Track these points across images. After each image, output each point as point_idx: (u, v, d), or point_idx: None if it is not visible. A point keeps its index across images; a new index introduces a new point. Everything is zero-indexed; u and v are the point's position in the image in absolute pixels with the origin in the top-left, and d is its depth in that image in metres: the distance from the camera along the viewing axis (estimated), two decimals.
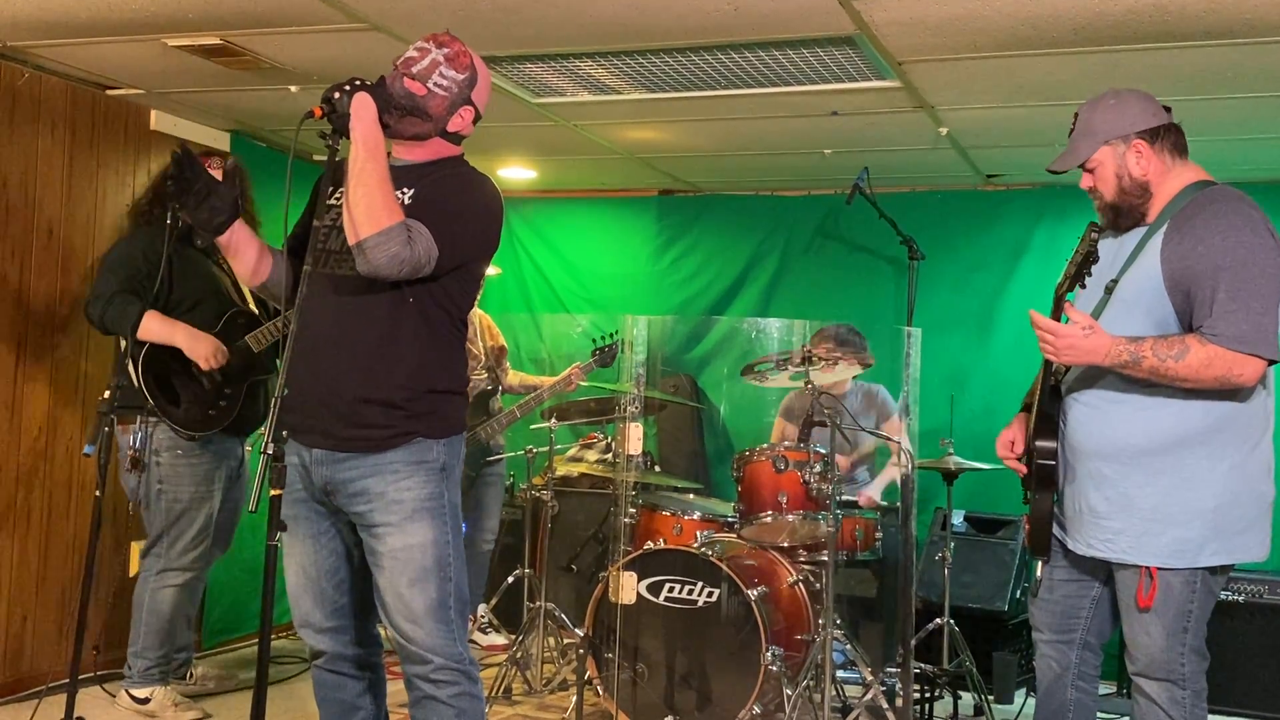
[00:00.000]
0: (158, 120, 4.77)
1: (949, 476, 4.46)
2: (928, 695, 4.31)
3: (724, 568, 3.91)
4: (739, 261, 6.08)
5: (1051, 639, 2.93)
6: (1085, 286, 2.68)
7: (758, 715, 3.81)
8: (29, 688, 4.18)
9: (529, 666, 4.60)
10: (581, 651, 3.95)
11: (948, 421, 4.71)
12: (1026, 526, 2.92)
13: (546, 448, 4.78)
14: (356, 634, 2.84)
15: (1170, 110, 2.79)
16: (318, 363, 2.64)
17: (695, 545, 4.08)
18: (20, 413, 4.26)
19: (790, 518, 4.09)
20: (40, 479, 4.34)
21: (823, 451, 4.09)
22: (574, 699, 3.94)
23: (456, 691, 2.70)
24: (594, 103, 4.41)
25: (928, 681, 4.31)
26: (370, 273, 2.52)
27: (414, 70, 2.65)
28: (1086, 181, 2.81)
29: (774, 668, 3.78)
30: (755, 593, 3.88)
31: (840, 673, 4.27)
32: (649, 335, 4.15)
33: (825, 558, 3.94)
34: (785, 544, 4.26)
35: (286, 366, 2.36)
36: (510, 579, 5.05)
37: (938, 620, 4.39)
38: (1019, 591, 4.88)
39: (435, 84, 2.66)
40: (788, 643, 3.96)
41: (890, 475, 4.80)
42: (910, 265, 5.02)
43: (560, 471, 4.89)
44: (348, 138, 2.53)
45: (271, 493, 2.28)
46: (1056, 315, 2.68)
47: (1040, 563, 2.98)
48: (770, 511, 4.11)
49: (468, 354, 3.65)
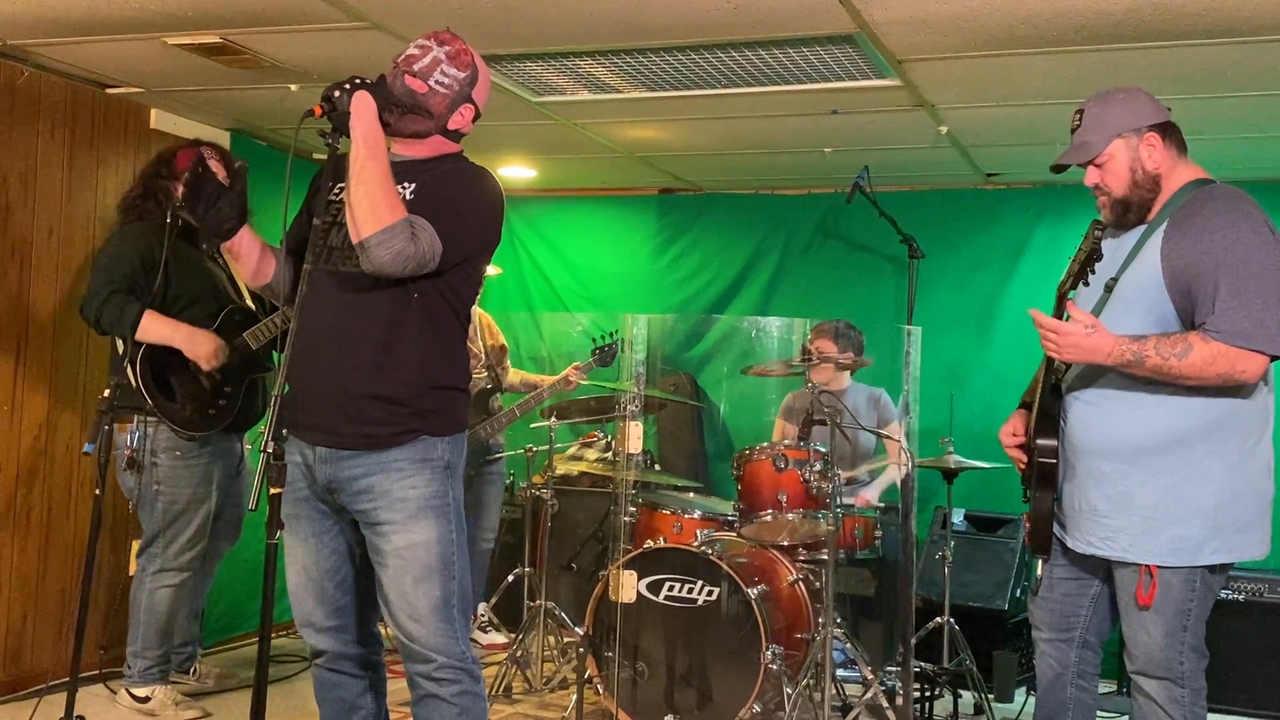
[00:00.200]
0: (158, 119, 4.77)
1: (949, 475, 4.46)
2: (928, 694, 4.31)
3: (724, 566, 3.91)
4: (739, 260, 6.08)
5: (1051, 637, 2.94)
6: (1088, 284, 2.68)
7: (758, 714, 3.80)
8: (29, 686, 4.18)
9: (529, 665, 4.60)
10: (581, 650, 3.95)
11: (948, 420, 4.72)
12: (1027, 525, 2.92)
13: (546, 446, 4.78)
14: (357, 633, 2.84)
15: (1169, 110, 2.80)
16: (321, 360, 2.63)
17: (695, 544, 4.08)
18: (20, 412, 4.26)
19: (790, 516, 4.09)
20: (40, 478, 4.34)
21: (823, 450, 4.09)
22: (574, 698, 3.94)
23: (459, 690, 2.70)
24: (594, 101, 4.40)
25: (928, 680, 4.31)
26: (374, 270, 2.51)
27: (415, 68, 2.65)
28: (1092, 177, 2.78)
29: (774, 666, 3.78)
30: (755, 591, 3.88)
31: (840, 671, 4.27)
32: (649, 334, 4.15)
33: (825, 556, 3.94)
34: (785, 543, 4.26)
35: (286, 364, 2.36)
36: (510, 578, 5.05)
37: (938, 619, 4.39)
38: (1019, 590, 4.88)
39: (436, 82, 2.66)
40: (788, 641, 3.96)
41: (889, 477, 4.81)
42: (910, 264, 5.01)
43: (560, 470, 4.89)
44: (348, 136, 2.53)
45: (271, 491, 2.28)
46: (1059, 313, 2.68)
47: (1040, 561, 2.98)
48: (770, 510, 4.11)
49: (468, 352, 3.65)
